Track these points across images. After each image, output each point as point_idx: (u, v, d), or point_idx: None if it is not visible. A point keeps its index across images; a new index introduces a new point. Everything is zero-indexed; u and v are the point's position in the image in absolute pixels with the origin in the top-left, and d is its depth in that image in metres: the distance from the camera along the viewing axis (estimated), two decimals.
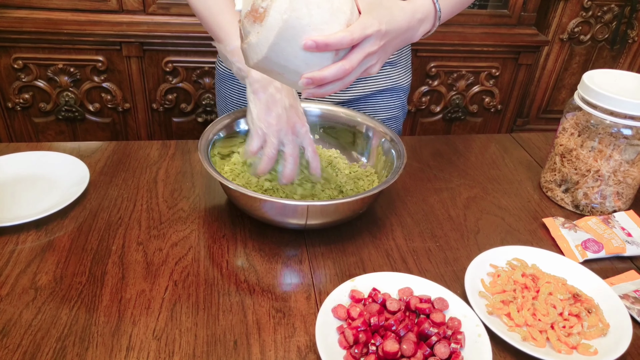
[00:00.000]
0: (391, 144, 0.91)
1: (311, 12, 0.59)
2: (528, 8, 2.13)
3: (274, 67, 0.64)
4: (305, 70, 0.62)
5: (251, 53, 0.63)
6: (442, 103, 2.23)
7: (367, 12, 0.64)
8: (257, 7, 0.60)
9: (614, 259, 0.83)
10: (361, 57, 0.64)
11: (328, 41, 0.60)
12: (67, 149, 1.01)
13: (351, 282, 0.72)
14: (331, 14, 0.61)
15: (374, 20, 0.64)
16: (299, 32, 0.60)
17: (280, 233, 0.83)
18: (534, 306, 0.69)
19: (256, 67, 0.65)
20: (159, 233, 0.82)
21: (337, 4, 0.61)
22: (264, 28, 0.60)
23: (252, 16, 0.61)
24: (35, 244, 0.78)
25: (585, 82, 0.87)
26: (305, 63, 0.62)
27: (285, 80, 0.66)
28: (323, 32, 0.60)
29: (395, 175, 0.80)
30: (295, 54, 0.61)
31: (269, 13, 0.59)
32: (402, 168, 0.82)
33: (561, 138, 0.93)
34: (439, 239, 0.85)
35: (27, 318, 0.66)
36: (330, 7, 0.61)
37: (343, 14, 0.62)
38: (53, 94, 1.92)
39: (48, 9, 1.82)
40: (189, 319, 0.68)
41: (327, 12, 0.60)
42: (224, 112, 1.11)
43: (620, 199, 0.91)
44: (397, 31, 0.68)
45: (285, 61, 0.62)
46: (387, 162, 0.90)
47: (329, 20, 0.60)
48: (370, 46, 0.65)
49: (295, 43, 0.60)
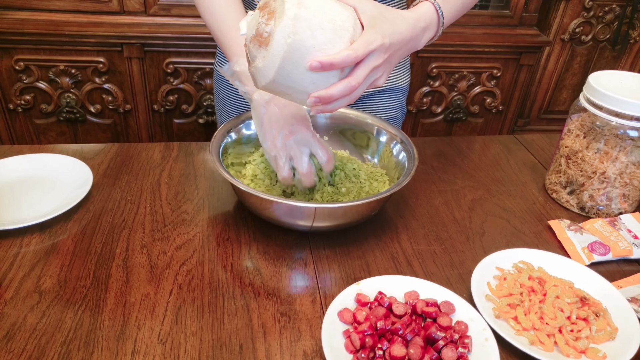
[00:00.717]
0: (402, 146, 0.90)
1: (314, 33, 0.60)
2: (529, 8, 2.12)
3: (282, 88, 0.65)
4: (312, 90, 0.63)
5: (259, 76, 0.64)
6: (444, 104, 2.23)
7: (370, 27, 0.64)
8: (261, 31, 0.61)
9: (621, 262, 0.82)
10: (366, 72, 0.65)
11: (333, 61, 0.61)
12: (70, 151, 1.00)
13: (357, 285, 0.71)
14: (334, 34, 0.61)
15: (377, 35, 0.64)
16: (303, 54, 0.60)
17: (285, 235, 0.83)
18: (541, 310, 0.69)
19: (265, 89, 0.66)
20: (163, 236, 0.81)
21: (340, 23, 0.62)
22: (270, 52, 0.61)
23: (257, 41, 0.62)
24: (39, 247, 0.78)
25: (591, 83, 0.87)
26: (312, 83, 0.63)
27: (294, 99, 0.67)
28: (327, 52, 0.61)
29: (407, 177, 0.80)
30: (302, 75, 0.62)
31: (274, 37, 0.60)
32: (414, 170, 0.82)
33: (566, 140, 0.92)
34: (444, 241, 0.84)
35: (31, 322, 0.66)
36: (333, 27, 0.61)
37: (346, 32, 0.62)
38: (54, 95, 1.92)
39: (49, 11, 1.82)
40: (194, 322, 0.67)
41: (330, 32, 0.61)
42: (222, 113, 1.11)
43: (627, 201, 0.91)
44: (401, 42, 0.69)
45: (293, 82, 0.63)
46: (399, 164, 0.90)
47: (333, 39, 0.61)
48: (375, 60, 0.65)
49: (301, 65, 0.61)
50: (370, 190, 0.88)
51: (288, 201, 0.75)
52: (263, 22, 0.62)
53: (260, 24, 0.62)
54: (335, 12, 0.63)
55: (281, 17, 0.60)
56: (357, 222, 0.82)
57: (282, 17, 0.60)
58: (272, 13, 0.61)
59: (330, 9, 0.62)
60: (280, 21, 0.60)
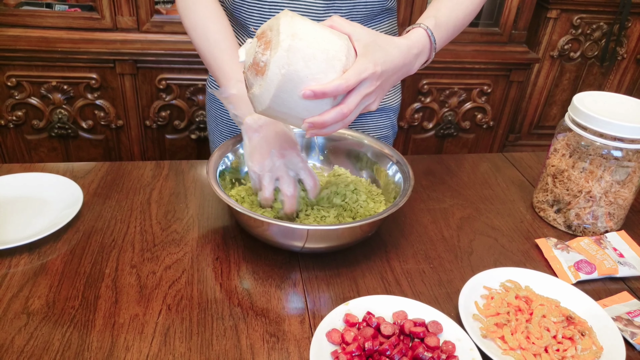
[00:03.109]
0: (397, 166, 0.91)
1: (307, 64, 0.63)
2: (518, 26, 2.16)
3: (278, 114, 0.68)
4: (306, 115, 0.66)
5: (256, 102, 0.67)
6: (435, 120, 2.25)
7: (363, 55, 0.66)
8: (258, 60, 0.64)
9: (607, 280, 0.83)
10: (358, 99, 0.67)
11: (325, 90, 0.63)
12: (61, 170, 1.00)
13: (345, 305, 0.72)
14: (327, 63, 0.64)
15: (368, 64, 0.66)
16: (297, 84, 0.63)
17: (274, 255, 0.83)
18: (528, 329, 0.70)
19: (262, 114, 0.69)
20: (152, 256, 0.82)
21: (333, 52, 0.64)
22: (265, 81, 0.63)
23: (254, 69, 0.65)
24: (28, 267, 0.78)
25: (575, 104, 0.88)
26: (305, 109, 0.66)
27: (289, 123, 0.70)
28: (320, 81, 0.63)
29: (403, 198, 0.81)
30: (296, 103, 0.65)
31: (269, 67, 0.62)
32: (409, 191, 0.83)
33: (553, 159, 0.94)
34: (432, 260, 0.85)
35: (19, 344, 0.66)
36: (326, 57, 0.64)
37: (339, 61, 0.64)
38: (46, 111, 1.92)
39: (42, 28, 1.83)
40: (183, 344, 0.67)
41: (323, 62, 0.63)
42: (215, 132, 1.12)
43: (612, 220, 0.92)
44: (393, 69, 0.70)
45: (288, 109, 0.66)
46: (394, 184, 0.91)
47: (325, 69, 0.63)
48: (367, 88, 0.67)
49: (295, 94, 0.64)
50: (366, 212, 0.88)
51: (284, 223, 0.76)
52: (260, 52, 0.64)
53: (257, 53, 0.64)
54: (328, 42, 0.64)
55: (276, 48, 0.62)
56: (350, 244, 0.83)
57: (277, 48, 0.62)
58: (268, 43, 0.64)
59: (324, 40, 0.64)
60: (275, 52, 0.62)
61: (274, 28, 0.64)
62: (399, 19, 2.03)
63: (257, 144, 0.83)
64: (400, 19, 2.04)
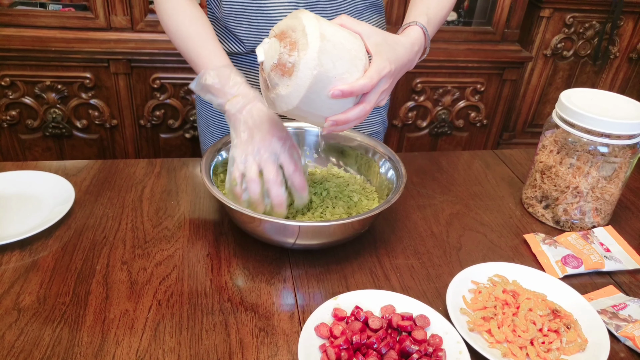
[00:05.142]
0: (390, 163, 0.92)
1: (335, 64, 0.65)
2: (511, 25, 2.17)
3: (302, 113, 0.70)
4: (329, 114, 0.69)
5: (280, 103, 0.68)
6: (429, 118, 2.26)
7: (377, 54, 0.70)
8: (284, 61, 0.64)
9: (593, 274, 0.84)
10: (377, 96, 0.71)
11: (353, 89, 0.67)
12: (53, 167, 1.01)
13: (334, 300, 0.72)
14: (351, 63, 0.67)
15: (385, 63, 0.70)
16: (326, 84, 0.65)
17: (265, 251, 0.84)
18: (514, 322, 0.71)
19: (284, 114, 0.71)
20: (143, 252, 0.82)
21: (354, 52, 0.67)
22: (294, 82, 0.65)
23: (279, 70, 0.65)
24: (19, 264, 0.78)
25: (562, 101, 0.89)
26: (330, 108, 0.69)
27: (310, 121, 0.72)
28: (346, 80, 0.66)
29: (396, 195, 0.81)
30: (322, 102, 0.67)
31: (299, 68, 0.64)
32: (402, 188, 0.83)
33: (541, 155, 0.95)
34: (421, 255, 0.86)
35: (9, 340, 0.66)
36: (350, 57, 0.66)
37: (360, 61, 0.68)
38: (40, 110, 1.92)
39: (36, 27, 1.83)
40: (173, 338, 0.68)
41: (348, 62, 0.66)
42: (206, 134, 1.12)
43: (599, 215, 0.93)
44: (402, 66, 0.75)
45: (314, 109, 0.68)
46: (387, 182, 0.91)
47: (350, 68, 0.66)
48: (383, 85, 0.71)
49: (323, 94, 0.66)
50: (359, 210, 0.89)
51: (277, 220, 0.76)
52: (286, 53, 0.65)
53: (282, 54, 0.65)
54: (349, 42, 0.67)
55: (305, 49, 0.63)
56: (341, 241, 0.83)
57: (307, 49, 0.63)
58: (294, 44, 0.65)
59: (346, 40, 0.67)
60: (305, 53, 0.63)
61: (297, 29, 0.65)
62: (392, 17, 2.04)
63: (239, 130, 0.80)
64: (394, 18, 2.04)
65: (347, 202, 0.90)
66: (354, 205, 0.90)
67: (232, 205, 0.76)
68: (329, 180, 0.94)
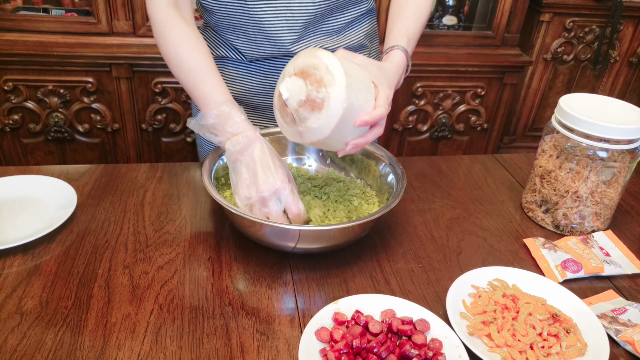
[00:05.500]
0: (390, 168, 0.93)
1: (357, 96, 0.72)
2: (511, 29, 2.18)
3: (327, 141, 0.75)
4: (350, 139, 0.76)
5: (310, 135, 0.74)
6: (429, 122, 2.26)
7: (381, 83, 0.77)
8: (313, 97, 0.71)
9: (593, 279, 0.85)
10: (385, 119, 0.78)
11: (374, 119, 0.74)
12: (56, 172, 1.02)
13: (334, 304, 0.73)
14: (367, 92, 0.74)
15: (388, 90, 0.78)
16: (352, 114, 0.72)
17: (266, 256, 0.84)
18: (514, 327, 0.71)
19: (312, 144, 0.77)
20: (145, 256, 0.83)
21: (366, 82, 0.75)
22: (325, 115, 0.71)
23: (309, 105, 0.72)
24: (22, 268, 0.79)
25: (561, 106, 0.90)
26: (352, 134, 0.76)
27: (332, 147, 0.78)
28: (366, 109, 0.74)
29: (396, 199, 0.82)
30: (348, 130, 0.74)
31: (329, 103, 0.70)
32: (402, 192, 0.84)
33: (540, 160, 0.95)
34: (422, 259, 0.86)
35: (12, 343, 0.67)
36: (365, 87, 0.74)
37: (372, 89, 0.75)
38: (42, 114, 1.93)
39: (39, 32, 1.84)
40: (174, 342, 0.68)
41: (365, 92, 0.74)
42: (202, 144, 1.13)
43: (599, 219, 0.93)
44: (394, 89, 0.83)
45: (340, 136, 0.74)
46: (387, 186, 0.92)
47: (367, 97, 0.74)
48: (388, 109, 0.77)
49: (349, 123, 0.73)
50: (359, 214, 0.90)
51: (278, 224, 0.77)
52: (314, 90, 0.71)
53: (310, 91, 0.71)
54: (361, 74, 0.75)
55: (332, 85, 0.69)
56: (341, 245, 0.84)
57: (334, 85, 0.69)
58: (320, 81, 0.70)
59: (359, 72, 0.74)
60: (334, 89, 0.69)
61: (319, 67, 0.71)
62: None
63: (239, 172, 0.82)
64: None
65: (348, 206, 0.91)
66: (354, 209, 0.90)
67: (233, 209, 0.77)
68: (329, 185, 0.95)
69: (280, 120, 0.78)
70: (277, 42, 0.93)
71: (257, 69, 1.00)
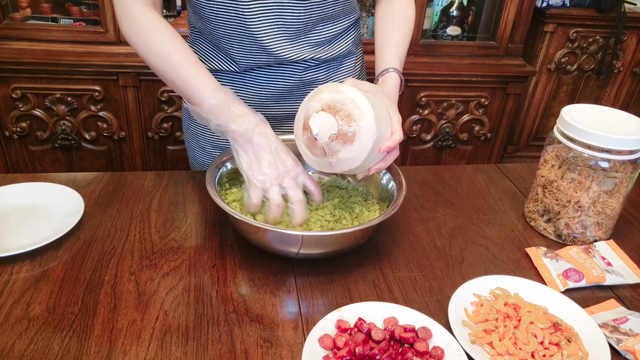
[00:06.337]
0: (391, 175, 0.94)
1: (381, 125, 0.78)
2: (515, 40, 2.19)
3: (356, 169, 0.81)
4: (372, 164, 0.82)
5: (342, 165, 0.79)
6: (433, 131, 2.27)
7: (391, 108, 0.84)
8: (345, 131, 0.76)
9: (595, 288, 0.85)
10: None
11: (395, 143, 0.82)
12: (63, 179, 1.03)
13: (338, 312, 0.73)
14: (386, 122, 0.80)
15: (398, 114, 0.85)
16: (378, 143, 0.79)
17: (270, 263, 0.85)
18: (515, 335, 0.71)
19: (342, 172, 0.81)
20: (151, 263, 0.84)
21: (384, 112, 0.81)
22: (357, 146, 0.77)
23: (341, 139, 0.77)
24: (29, 274, 0.80)
25: (563, 116, 0.91)
26: (375, 159, 0.82)
27: (356, 171, 0.82)
28: (387, 136, 0.81)
29: (395, 207, 0.83)
30: (374, 156, 0.80)
31: (360, 135, 0.76)
32: (401, 199, 0.85)
33: (543, 169, 0.96)
34: (424, 268, 0.87)
35: (19, 348, 0.68)
36: (383, 116, 0.80)
37: (388, 118, 0.82)
38: (50, 122, 1.95)
39: (47, 41, 1.87)
40: (179, 348, 0.69)
41: (384, 122, 0.80)
42: (196, 148, 1.13)
43: (601, 229, 0.94)
44: None
45: (368, 163, 0.81)
46: (389, 194, 0.93)
47: (387, 126, 0.81)
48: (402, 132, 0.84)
49: (376, 150, 0.79)
50: (361, 220, 0.91)
51: (281, 230, 0.78)
52: (344, 125, 0.76)
53: (341, 126, 0.76)
54: (377, 103, 0.81)
55: (362, 119, 0.75)
56: (343, 251, 0.85)
57: (364, 119, 0.75)
58: (349, 116, 0.76)
59: (376, 102, 0.80)
60: (364, 122, 0.75)
61: (347, 102, 0.76)
62: None
63: (252, 153, 0.83)
64: None
65: (350, 213, 0.91)
66: (355, 216, 0.91)
67: (237, 215, 0.78)
68: (331, 192, 0.96)
69: (306, 153, 0.82)
70: (271, 50, 0.95)
71: (252, 79, 1.01)
